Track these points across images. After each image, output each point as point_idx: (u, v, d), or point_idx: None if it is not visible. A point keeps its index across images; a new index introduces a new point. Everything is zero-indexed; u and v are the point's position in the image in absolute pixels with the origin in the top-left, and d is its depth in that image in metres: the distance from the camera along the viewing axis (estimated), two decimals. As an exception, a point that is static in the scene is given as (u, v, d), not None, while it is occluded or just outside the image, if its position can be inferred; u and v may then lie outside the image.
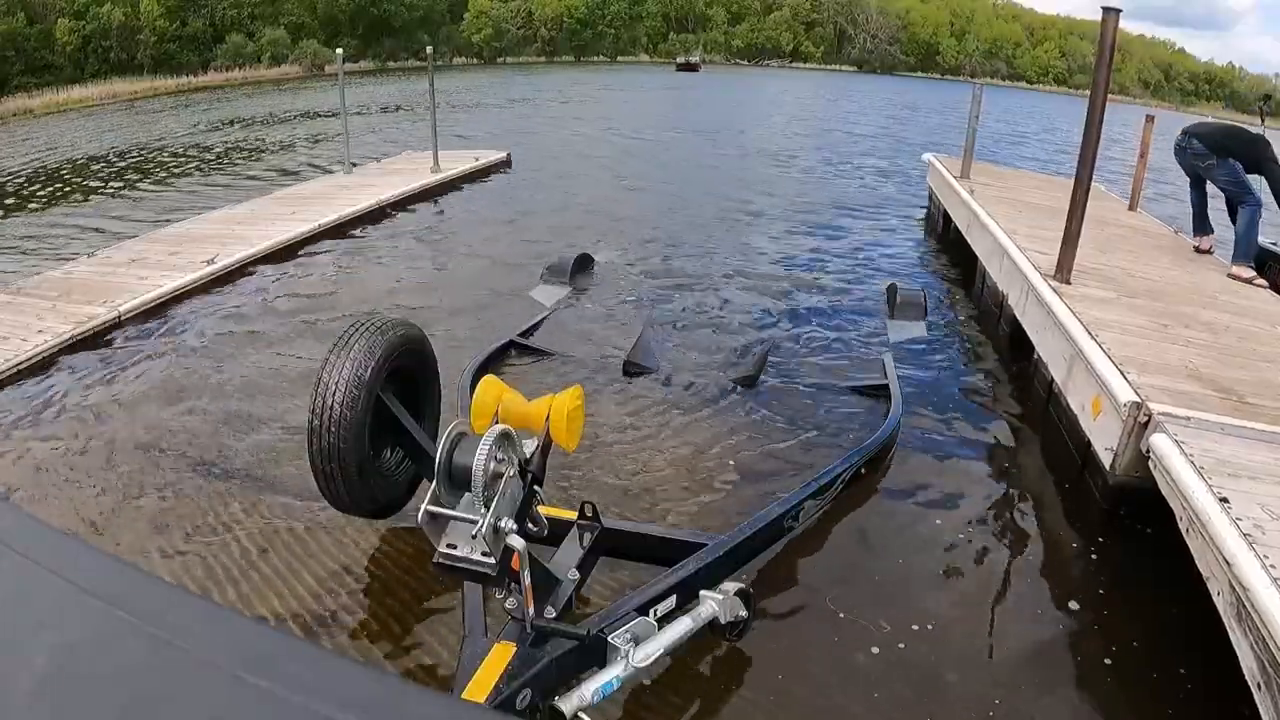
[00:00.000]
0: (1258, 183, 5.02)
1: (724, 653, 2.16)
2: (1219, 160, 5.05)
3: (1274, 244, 5.54)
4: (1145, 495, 2.59)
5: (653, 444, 3.33)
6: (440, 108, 10.99)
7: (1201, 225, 5.54)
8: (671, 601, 2.00)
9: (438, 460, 1.67)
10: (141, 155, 13.63)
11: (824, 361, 4.29)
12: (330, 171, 9.94)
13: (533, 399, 1.90)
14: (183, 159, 12.99)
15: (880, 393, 3.81)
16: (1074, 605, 2.48)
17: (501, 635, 1.78)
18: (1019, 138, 18.72)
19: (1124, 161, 12.87)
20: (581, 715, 1.67)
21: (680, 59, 51.73)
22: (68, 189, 10.77)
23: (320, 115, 18.79)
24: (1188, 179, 5.52)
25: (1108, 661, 2.25)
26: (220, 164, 12.25)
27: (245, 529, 2.72)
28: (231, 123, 18.54)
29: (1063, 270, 4.08)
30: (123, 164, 12.70)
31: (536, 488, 1.79)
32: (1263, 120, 5.38)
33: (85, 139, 17.09)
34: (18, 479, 3.07)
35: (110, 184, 10.84)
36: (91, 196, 9.99)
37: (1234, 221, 5.12)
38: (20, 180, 11.63)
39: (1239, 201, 5.07)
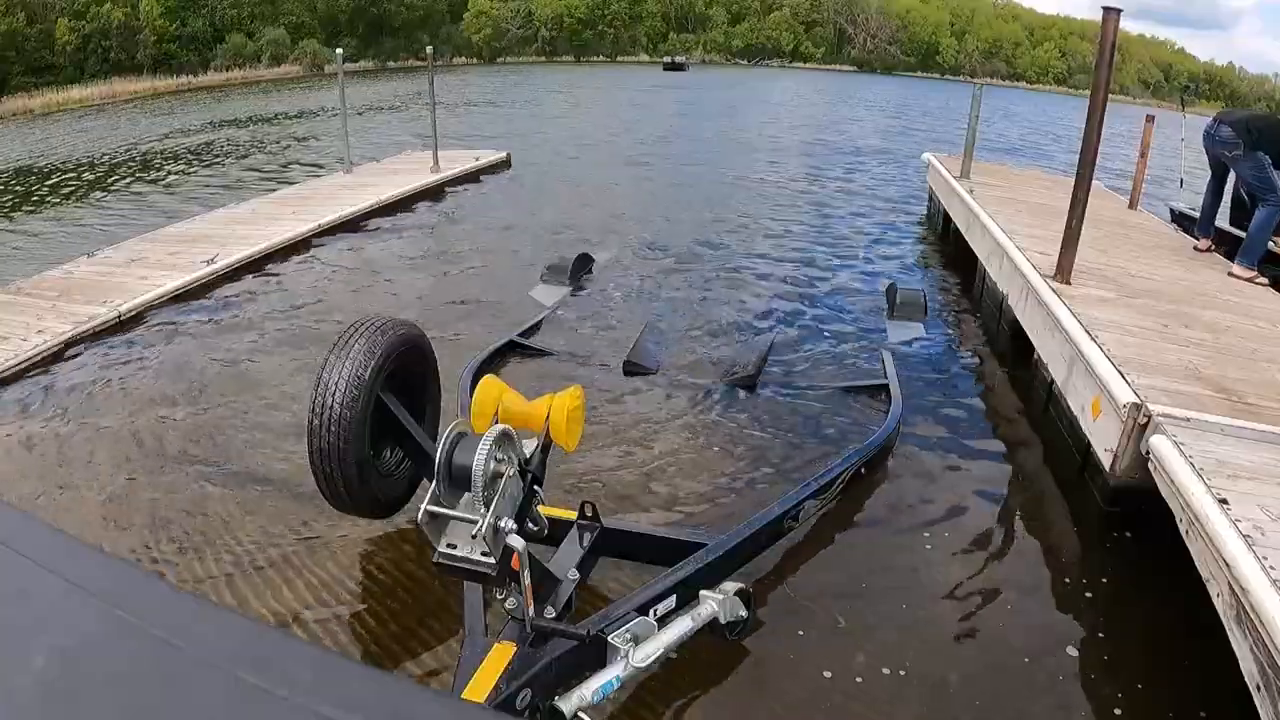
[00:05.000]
0: None
1: (724, 653, 2.16)
2: (1246, 152, 4.84)
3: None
4: (1145, 497, 2.59)
5: (652, 444, 3.33)
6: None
7: (1207, 228, 5.50)
8: (671, 601, 2.00)
9: (437, 460, 1.67)
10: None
11: (824, 361, 4.29)
12: (323, 170, 9.93)
13: (533, 399, 1.90)
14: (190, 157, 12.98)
15: (880, 392, 3.81)
16: (1073, 608, 2.48)
17: (501, 635, 1.78)
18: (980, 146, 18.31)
19: (1110, 169, 12.83)
20: (581, 715, 1.67)
21: (667, 59, 51.98)
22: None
23: (320, 115, 18.75)
24: (1210, 172, 5.38)
25: (1107, 658, 2.25)
26: (220, 162, 12.25)
27: (245, 528, 2.72)
28: (238, 122, 18.51)
29: (1062, 270, 4.08)
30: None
31: (536, 488, 1.79)
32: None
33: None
34: (18, 479, 3.07)
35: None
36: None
37: (1246, 220, 4.97)
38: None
39: (1260, 199, 4.89)
